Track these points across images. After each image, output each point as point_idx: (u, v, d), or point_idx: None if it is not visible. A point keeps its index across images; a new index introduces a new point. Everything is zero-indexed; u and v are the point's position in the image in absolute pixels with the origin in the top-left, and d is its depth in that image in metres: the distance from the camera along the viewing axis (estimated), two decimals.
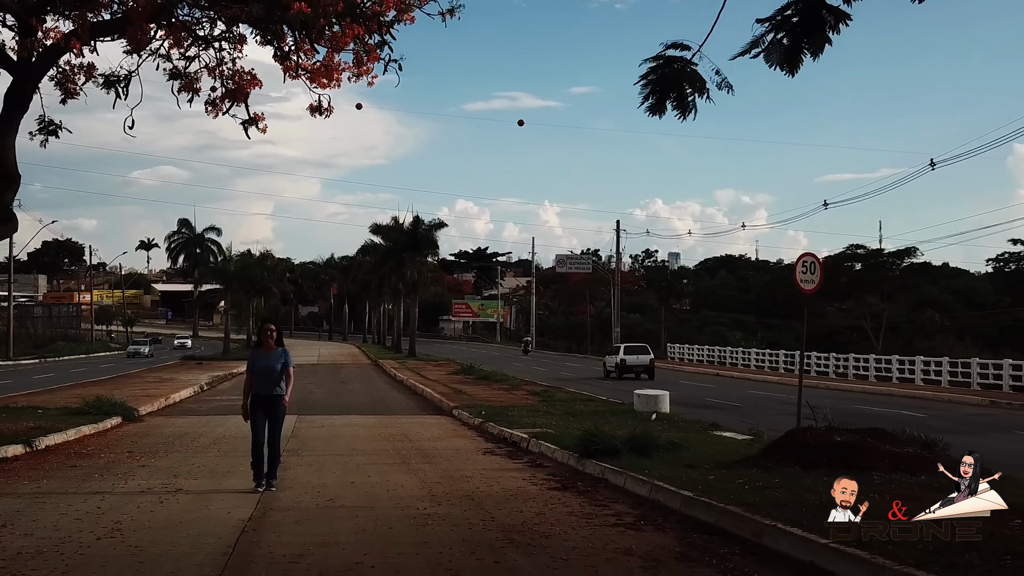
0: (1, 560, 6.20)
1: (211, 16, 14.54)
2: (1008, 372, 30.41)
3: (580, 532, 7.24)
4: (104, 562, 6.18)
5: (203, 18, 14.70)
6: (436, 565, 6.10)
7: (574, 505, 8.54)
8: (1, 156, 13.91)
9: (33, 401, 22.70)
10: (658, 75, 8.13)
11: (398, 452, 13.19)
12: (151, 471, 11.18)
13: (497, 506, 8.44)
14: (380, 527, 7.43)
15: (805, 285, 13.72)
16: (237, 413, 20.01)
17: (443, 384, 29.84)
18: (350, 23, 13.36)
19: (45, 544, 6.70)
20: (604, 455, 10.85)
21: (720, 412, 21.78)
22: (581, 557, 6.36)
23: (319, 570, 5.93)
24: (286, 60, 14.39)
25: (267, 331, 10.11)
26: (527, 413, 18.60)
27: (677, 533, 7.14)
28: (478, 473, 10.84)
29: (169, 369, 43.70)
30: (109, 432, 16.90)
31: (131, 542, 6.79)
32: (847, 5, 7.52)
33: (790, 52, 7.56)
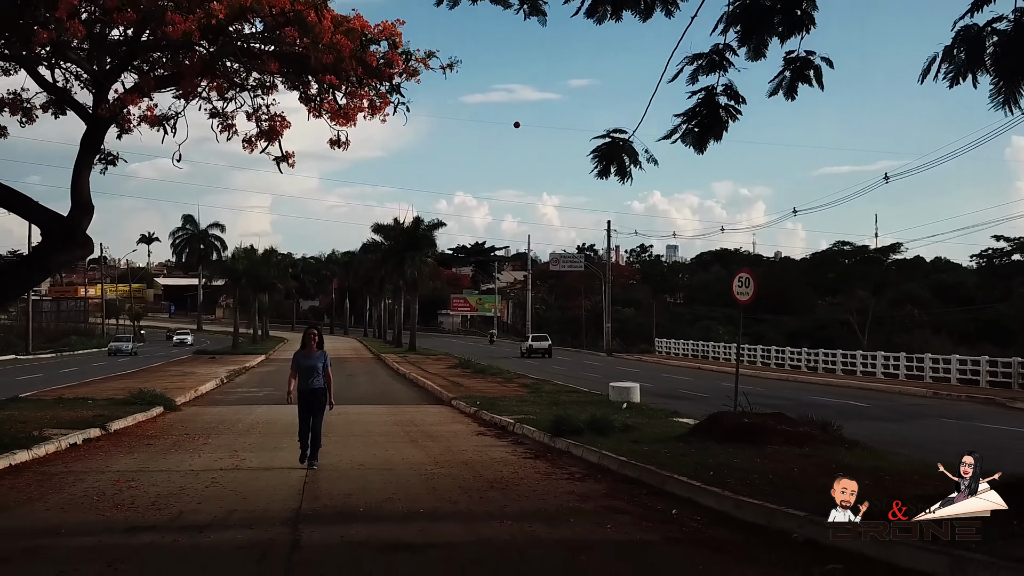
0: (150, 497, 9.20)
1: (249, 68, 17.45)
2: (955, 367, 33.50)
3: (541, 483, 10.28)
4: (219, 498, 9.19)
5: (242, 69, 17.60)
6: (440, 499, 9.14)
7: (541, 468, 11.59)
8: (79, 190, 16.85)
9: (78, 393, 25.50)
10: (604, 151, 11.15)
11: (407, 434, 16.18)
12: (213, 448, 14.13)
13: (484, 468, 11.47)
14: (399, 479, 10.46)
15: (741, 296, 16.68)
16: (260, 403, 23.22)
17: (442, 377, 32.84)
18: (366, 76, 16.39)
19: (173, 489, 9.71)
20: (570, 434, 13.84)
21: (687, 402, 24.68)
22: (537, 495, 9.41)
23: (364, 500, 8.95)
24: (310, 102, 17.33)
25: (311, 335, 12.20)
26: (516, 403, 21.56)
27: (609, 483, 10.19)
28: (471, 448, 13.87)
29: (186, 363, 46.61)
30: (157, 419, 19.79)
31: (230, 488, 9.81)
32: (738, 104, 10.57)
33: (699, 137, 10.59)
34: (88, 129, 17.00)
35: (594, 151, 11.17)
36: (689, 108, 10.56)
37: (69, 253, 17.16)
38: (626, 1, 10.16)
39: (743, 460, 10.66)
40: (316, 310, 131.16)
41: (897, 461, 11.03)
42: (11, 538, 7.19)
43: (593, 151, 11.15)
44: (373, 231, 68.05)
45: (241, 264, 64.75)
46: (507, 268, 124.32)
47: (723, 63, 10.34)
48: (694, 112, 10.57)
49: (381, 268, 67.24)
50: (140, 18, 14.22)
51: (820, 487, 8.68)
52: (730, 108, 10.64)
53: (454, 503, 8.95)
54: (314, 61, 15.74)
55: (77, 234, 16.74)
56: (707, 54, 10.34)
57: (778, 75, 10.50)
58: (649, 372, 42.26)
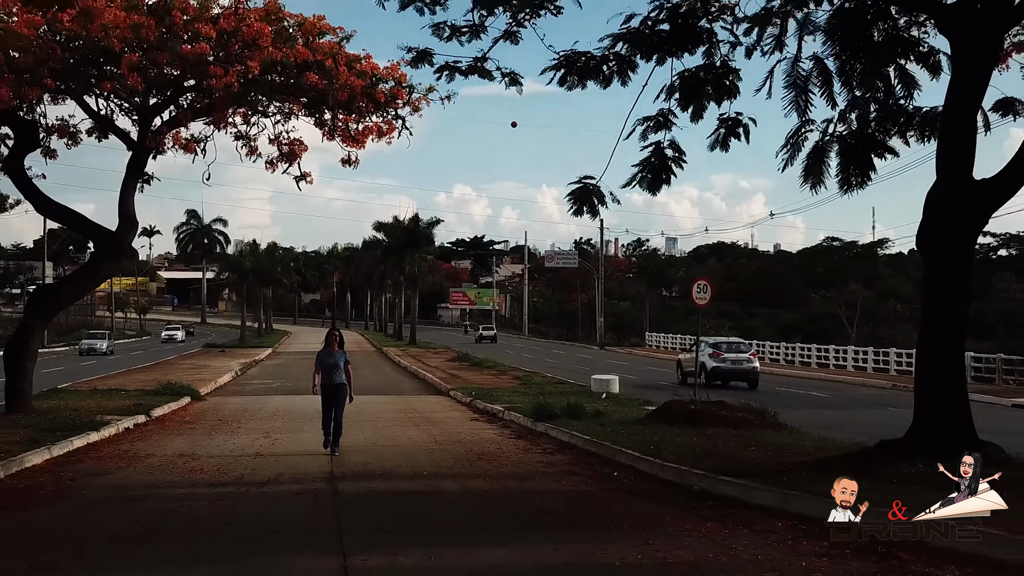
0: (213, 466, 11.81)
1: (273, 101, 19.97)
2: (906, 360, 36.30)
3: (519, 455, 12.94)
4: (267, 466, 11.80)
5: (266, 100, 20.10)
6: (438, 466, 11.78)
7: (521, 445, 14.23)
8: (126, 207, 19.46)
9: (109, 384, 27.87)
10: (578, 193, 13.74)
11: (410, 419, 18.79)
12: (247, 431, 16.70)
13: (475, 445, 14.11)
14: (406, 453, 13.09)
15: (699, 300, 19.29)
16: (276, 394, 25.79)
17: (441, 370, 35.47)
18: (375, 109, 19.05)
19: (228, 460, 12.32)
20: (549, 419, 16.45)
21: (663, 392, 27.05)
22: (514, 463, 12.08)
23: (379, 467, 11.57)
24: (324, 126, 19.92)
25: (333, 337, 13.80)
26: (507, 393, 24.14)
27: (572, 456, 12.84)
28: (466, 430, 16.51)
29: (198, 357, 49.08)
30: (188, 407, 22.33)
31: (273, 459, 12.44)
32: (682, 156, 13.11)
33: (652, 183, 13.19)
34: (133, 155, 19.61)
35: (569, 194, 13.89)
36: (643, 159, 13.17)
37: (117, 263, 19.82)
38: (589, 73, 12.73)
39: (683, 438, 13.27)
40: (317, 303, 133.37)
41: (807, 439, 13.63)
42: (125, 490, 9.81)
43: (569, 194, 13.89)
44: (374, 229, 70.79)
45: (248, 261, 67.40)
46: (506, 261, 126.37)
47: (668, 123, 13.00)
48: (647, 162, 13.18)
49: (382, 264, 69.90)
50: (184, 67, 16.82)
51: (733, 457, 11.35)
52: (676, 158, 13.29)
53: (449, 468, 11.59)
54: (331, 99, 18.42)
55: (124, 246, 19.41)
56: (655, 116, 13.00)
57: (714, 131, 13.17)
58: (636, 365, 44.91)
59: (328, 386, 13.48)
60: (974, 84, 9.81)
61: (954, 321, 9.74)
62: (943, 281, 9.72)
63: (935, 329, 9.82)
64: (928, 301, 10.06)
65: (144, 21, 15.36)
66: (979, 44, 9.79)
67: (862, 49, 9.85)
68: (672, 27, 12.22)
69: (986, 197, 9.77)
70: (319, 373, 13.64)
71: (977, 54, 9.77)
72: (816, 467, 9.62)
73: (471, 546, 7.02)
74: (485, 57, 11.87)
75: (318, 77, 17.72)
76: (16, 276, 74.07)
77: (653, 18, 12.18)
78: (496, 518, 8.33)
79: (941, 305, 9.73)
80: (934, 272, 9.85)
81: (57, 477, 10.75)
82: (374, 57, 18.83)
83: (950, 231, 9.59)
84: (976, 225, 10.06)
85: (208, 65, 15.96)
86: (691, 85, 12.55)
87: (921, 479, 8.52)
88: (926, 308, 10.13)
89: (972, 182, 9.66)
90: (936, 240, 9.72)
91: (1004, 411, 25.07)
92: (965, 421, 9.62)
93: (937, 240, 9.70)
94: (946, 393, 9.61)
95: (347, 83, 17.99)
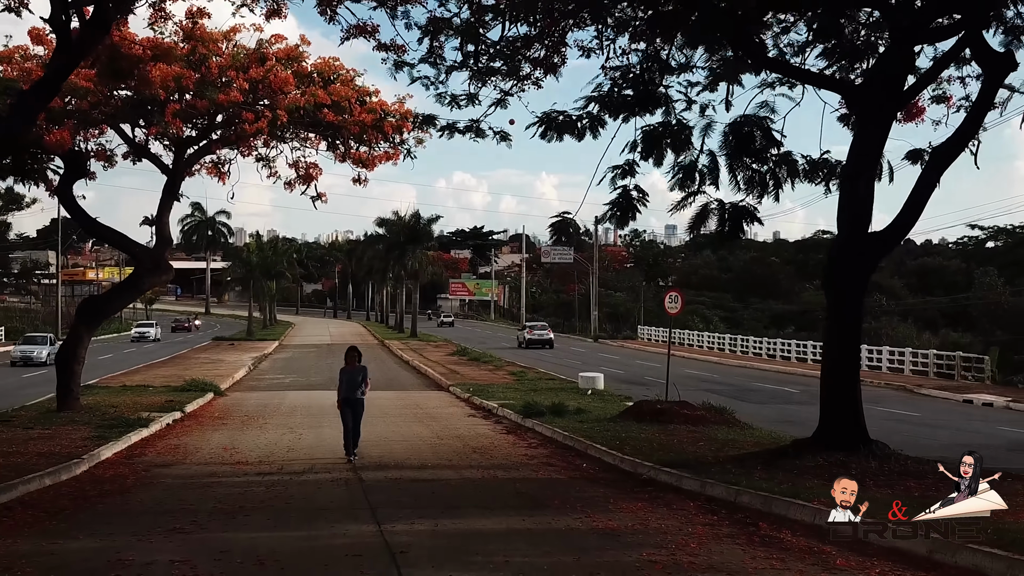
0: (255, 457, 14.33)
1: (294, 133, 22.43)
2: (886, 357, 38.81)
3: (508, 448, 15.49)
4: (299, 458, 14.29)
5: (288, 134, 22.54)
6: (440, 458, 14.33)
7: (511, 439, 16.79)
8: (162, 227, 21.99)
9: (134, 380, 30.07)
10: (557, 226, 16.31)
11: (415, 415, 21.32)
12: (273, 426, 19.17)
13: (471, 440, 16.64)
14: (412, 447, 15.62)
15: (671, 309, 21.84)
16: (290, 389, 28.33)
17: (441, 365, 38.02)
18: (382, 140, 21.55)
19: (265, 453, 14.83)
20: (535, 416, 18.96)
21: (646, 388, 29.44)
22: (503, 456, 14.64)
23: (392, 459, 14.05)
24: (336, 149, 22.42)
25: (353, 355, 14.71)
26: (502, 389, 26.66)
27: (552, 449, 15.40)
28: (463, 426, 19.06)
29: (210, 350, 51.45)
30: (213, 403, 24.75)
31: (303, 452, 14.95)
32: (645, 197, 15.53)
33: (620, 220, 15.62)
34: (167, 181, 22.11)
35: (550, 226, 16.48)
36: (613, 200, 15.58)
37: (156, 276, 22.33)
38: (565, 129, 15.15)
39: (647, 434, 15.80)
40: (319, 293, 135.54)
41: (751, 435, 16.17)
42: (195, 478, 12.32)
43: (550, 226, 16.46)
44: (376, 224, 73.41)
45: (255, 256, 70.02)
46: (505, 250, 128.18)
47: (632, 171, 15.41)
48: (616, 202, 15.59)
49: (384, 259, 72.49)
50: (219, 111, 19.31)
51: (681, 450, 13.88)
52: (640, 199, 15.70)
53: (449, 461, 14.15)
54: (345, 131, 20.92)
55: (163, 262, 21.94)
56: (621, 165, 15.41)
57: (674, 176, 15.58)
58: (626, 359, 47.40)
59: (349, 399, 14.31)
60: (871, 155, 12.29)
61: (850, 345, 12.25)
62: (842, 313, 12.22)
63: (835, 350, 12.33)
64: (831, 328, 12.56)
65: (185, 73, 17.81)
66: (876, 122, 12.27)
67: (745, 154, 12.54)
68: (635, 92, 14.67)
69: (877, 248, 12.28)
70: (341, 388, 14.47)
71: (873, 131, 12.24)
72: (740, 460, 12.13)
73: (464, 518, 9.53)
74: (479, 120, 14.34)
75: (334, 115, 20.25)
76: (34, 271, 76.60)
77: (619, 85, 14.63)
78: (484, 499, 10.83)
79: (840, 332, 12.25)
80: (834, 306, 12.35)
81: (133, 468, 13.27)
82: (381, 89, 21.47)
83: (848, 275, 12.10)
84: (869, 270, 12.58)
85: (241, 110, 18.42)
86: (652, 139, 15.00)
87: (815, 470, 11.04)
88: (829, 333, 12.65)
89: (866, 236, 12.14)
90: (838, 282, 12.23)
91: (954, 406, 27.63)
92: (859, 423, 12.13)
93: (838, 282, 12.21)
94: (843, 402, 12.13)
95: (359, 119, 20.51)
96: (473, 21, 12.76)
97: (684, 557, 7.45)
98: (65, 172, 20.67)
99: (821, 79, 13.01)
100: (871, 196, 12.39)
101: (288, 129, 20.22)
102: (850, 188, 11.96)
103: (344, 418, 14.33)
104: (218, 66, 18.77)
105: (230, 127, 20.29)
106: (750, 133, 12.47)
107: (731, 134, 12.64)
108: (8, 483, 10.62)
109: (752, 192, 12.71)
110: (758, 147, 12.64)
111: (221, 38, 19.25)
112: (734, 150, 12.60)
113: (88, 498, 10.66)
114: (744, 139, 12.46)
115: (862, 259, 12.12)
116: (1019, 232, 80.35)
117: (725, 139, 12.71)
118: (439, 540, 8.40)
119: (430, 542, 8.30)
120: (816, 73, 13.07)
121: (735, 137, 12.56)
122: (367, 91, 21.30)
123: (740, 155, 12.63)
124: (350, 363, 14.59)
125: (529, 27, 13.58)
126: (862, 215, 12.02)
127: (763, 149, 12.73)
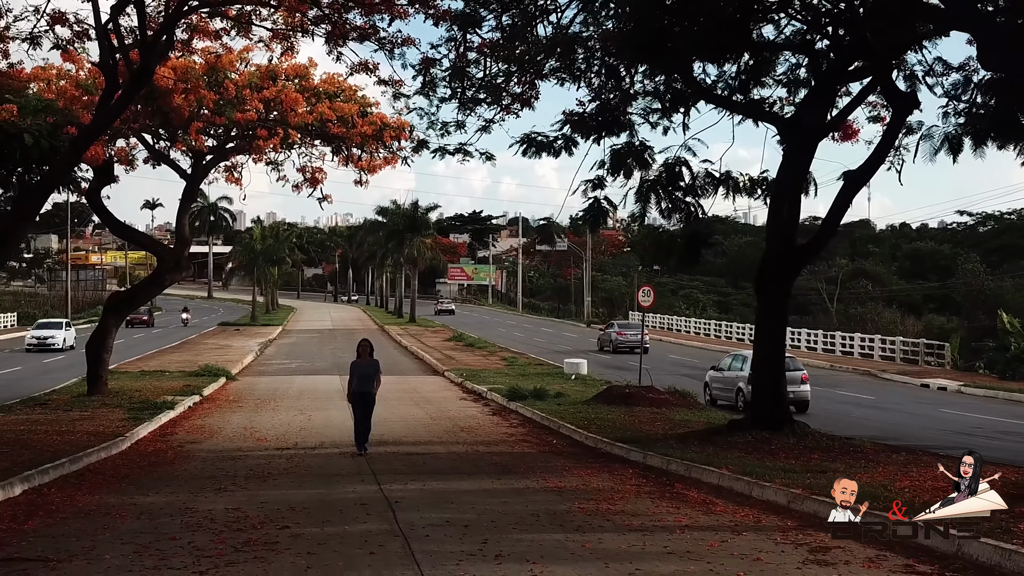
0: (273, 436, 16.60)
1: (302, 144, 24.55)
2: (857, 344, 41.09)
3: (492, 428, 17.82)
4: (311, 437, 16.55)
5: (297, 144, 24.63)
6: (433, 436, 16.66)
7: (495, 420, 19.11)
8: (181, 229, 24.22)
9: (150, 366, 32.14)
10: (541, 229, 18.72)
11: (411, 399, 23.60)
12: (285, 408, 21.42)
13: (461, 420, 18.96)
14: (409, 426, 17.93)
15: (644, 303, 24.11)
16: (296, 374, 30.61)
17: (438, 351, 40.31)
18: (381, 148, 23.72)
19: (281, 432, 17.11)
20: (519, 399, 21.24)
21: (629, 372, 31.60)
22: (487, 434, 16.97)
23: (391, 437, 16.30)
24: (339, 154, 24.60)
25: (365, 347, 14.85)
26: (493, 374, 28.92)
27: (530, 428, 17.72)
28: (455, 408, 21.38)
29: (217, 335, 53.30)
30: (226, 387, 26.99)
31: (314, 432, 17.23)
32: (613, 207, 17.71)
33: (592, 225, 17.91)
34: (186, 187, 24.31)
35: (536, 231, 18.70)
36: (584, 209, 17.77)
37: (177, 273, 24.58)
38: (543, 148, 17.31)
39: (613, 416, 18.07)
40: (320, 278, 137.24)
41: (708, 415, 18.46)
42: (225, 452, 14.58)
43: (536, 231, 18.64)
44: (376, 212, 75.53)
45: (258, 244, 72.28)
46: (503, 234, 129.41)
47: (602, 185, 17.57)
48: (588, 211, 17.77)
49: (383, 246, 74.72)
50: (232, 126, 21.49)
51: (639, 429, 16.17)
52: (608, 208, 17.88)
53: (439, 438, 16.46)
54: (348, 141, 23.10)
55: (182, 261, 24.18)
56: (592, 180, 17.59)
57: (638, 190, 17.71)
58: None
59: (359, 393, 14.30)
60: (797, 178, 14.51)
61: (776, 340, 14.51)
62: (770, 314, 14.49)
63: (766, 347, 14.59)
64: (762, 328, 14.83)
65: (206, 94, 19.97)
66: (801, 149, 14.48)
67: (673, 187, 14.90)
68: (603, 117, 16.86)
69: (800, 259, 14.54)
70: (352, 382, 14.46)
71: (799, 157, 14.46)
72: (683, 437, 14.42)
73: (448, 481, 11.81)
74: (467, 144, 16.56)
75: (339, 127, 22.42)
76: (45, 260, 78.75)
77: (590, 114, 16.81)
78: (465, 467, 13.11)
79: (768, 330, 14.51)
80: (764, 308, 14.61)
81: (169, 444, 15.55)
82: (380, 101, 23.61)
83: (775, 281, 14.36)
84: (792, 277, 14.85)
85: (256, 128, 20.62)
86: (619, 159, 17.18)
87: (742, 445, 13.30)
88: (761, 332, 14.92)
89: (792, 248, 14.39)
90: (766, 287, 14.49)
91: (911, 390, 29.92)
92: (783, 407, 14.42)
93: (767, 287, 14.47)
94: (770, 388, 14.39)
95: (361, 131, 22.68)
96: (460, 64, 14.93)
97: (604, 506, 9.73)
98: (94, 179, 22.82)
99: (754, 112, 15.22)
100: (796, 216, 14.63)
101: (296, 140, 22.36)
102: (776, 209, 14.18)
103: (355, 413, 14.42)
104: (235, 85, 20.89)
105: (245, 139, 22.44)
106: (679, 172, 14.71)
107: (664, 171, 14.89)
108: (76, 456, 12.88)
109: (671, 219, 15.05)
110: (687, 183, 14.89)
111: (237, 58, 21.38)
112: (664, 184, 14.85)
113: (142, 467, 12.97)
114: (673, 176, 14.71)
115: (787, 271, 14.36)
116: (1006, 218, 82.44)
117: (659, 176, 14.96)
118: (426, 495, 10.71)
119: (418, 496, 10.62)
120: (746, 105, 15.27)
121: (667, 173, 14.82)
122: (368, 102, 23.46)
123: (668, 186, 14.88)
124: (362, 356, 14.58)
125: (508, 64, 15.75)
126: (787, 233, 14.26)
127: (691, 184, 15.01)
